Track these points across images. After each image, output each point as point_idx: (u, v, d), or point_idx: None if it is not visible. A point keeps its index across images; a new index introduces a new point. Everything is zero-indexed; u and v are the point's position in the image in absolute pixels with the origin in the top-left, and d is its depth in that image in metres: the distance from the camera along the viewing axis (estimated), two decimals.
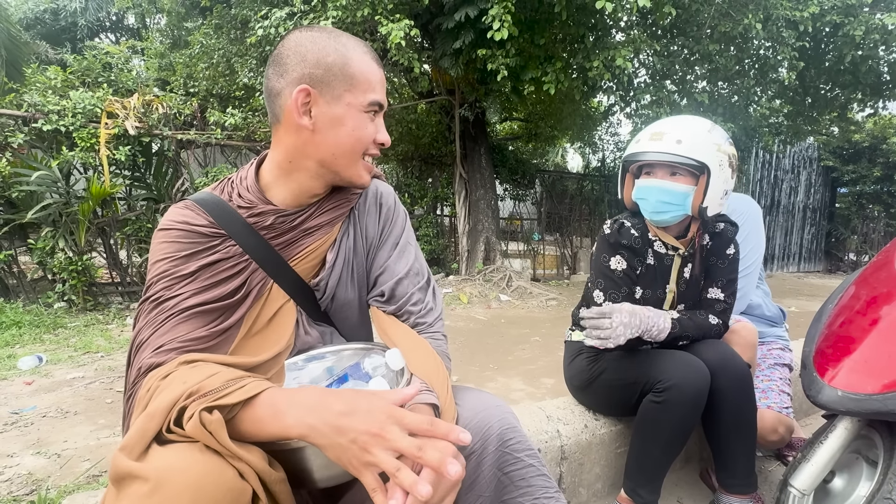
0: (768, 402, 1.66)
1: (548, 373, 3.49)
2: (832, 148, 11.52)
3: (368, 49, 0.91)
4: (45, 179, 4.38)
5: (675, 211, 1.38)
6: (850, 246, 11.90)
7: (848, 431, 1.17)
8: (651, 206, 1.39)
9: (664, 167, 1.38)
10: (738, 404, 1.35)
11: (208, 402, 0.63)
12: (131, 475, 0.57)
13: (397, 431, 0.60)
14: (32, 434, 2.26)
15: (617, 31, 6.06)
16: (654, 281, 1.46)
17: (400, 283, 1.01)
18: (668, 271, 1.46)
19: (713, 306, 1.48)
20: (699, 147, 1.33)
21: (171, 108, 5.18)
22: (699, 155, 1.33)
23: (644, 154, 1.39)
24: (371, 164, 0.95)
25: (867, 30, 5.58)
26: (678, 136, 1.35)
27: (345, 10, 4.62)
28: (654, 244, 1.47)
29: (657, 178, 1.39)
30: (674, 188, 1.36)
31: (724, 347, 1.40)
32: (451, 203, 7.95)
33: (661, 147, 1.36)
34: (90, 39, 11.95)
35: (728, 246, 1.49)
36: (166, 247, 0.86)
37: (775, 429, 1.59)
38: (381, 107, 0.91)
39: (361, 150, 0.91)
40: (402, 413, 0.61)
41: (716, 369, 1.33)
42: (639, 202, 1.44)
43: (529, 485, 0.85)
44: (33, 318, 4.15)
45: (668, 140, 1.35)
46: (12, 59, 7.00)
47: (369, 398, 0.63)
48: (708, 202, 1.36)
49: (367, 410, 0.62)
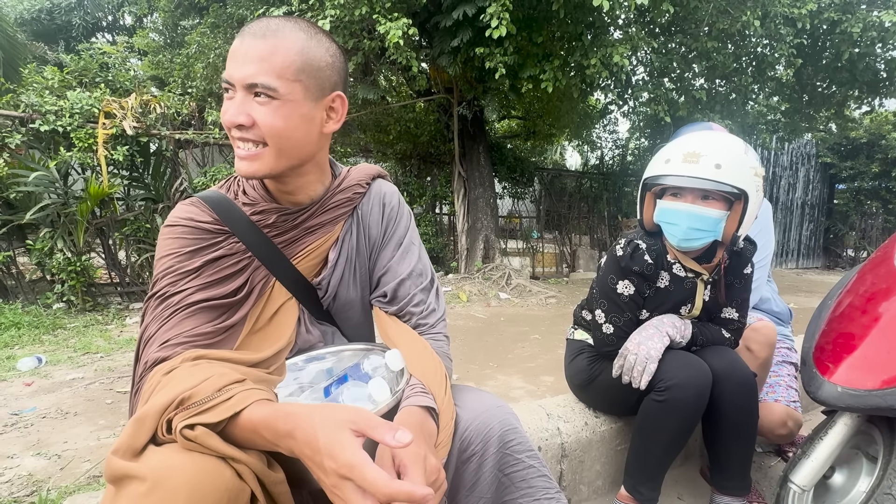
0: (776, 396, 1.66)
1: (547, 371, 3.49)
2: (830, 144, 11.54)
3: (254, 24, 0.82)
4: (43, 180, 4.37)
5: (706, 238, 1.29)
6: (848, 242, 11.94)
7: (848, 427, 1.18)
8: (681, 233, 1.28)
9: (696, 191, 1.27)
10: (740, 411, 1.35)
11: (189, 417, 0.62)
12: (128, 475, 0.57)
13: (350, 492, 0.54)
14: (32, 435, 2.25)
15: (615, 29, 6.05)
16: (663, 304, 1.40)
17: (402, 284, 1.00)
18: (685, 294, 1.40)
19: (727, 325, 1.47)
20: (738, 173, 1.23)
21: (168, 108, 5.17)
22: (739, 182, 1.22)
23: (679, 178, 1.27)
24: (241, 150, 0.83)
25: (864, 27, 5.59)
26: (717, 160, 1.23)
27: (342, 9, 4.61)
28: (674, 267, 1.39)
29: (686, 203, 1.28)
30: (707, 214, 1.26)
31: (730, 354, 1.40)
32: (449, 201, 7.96)
33: (698, 172, 1.23)
34: (86, 39, 11.90)
35: (746, 265, 1.44)
36: (172, 243, 0.87)
37: (784, 422, 1.59)
38: (227, 83, 0.81)
39: (228, 133, 0.84)
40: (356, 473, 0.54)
41: (721, 376, 1.33)
42: (664, 226, 1.33)
43: (530, 486, 0.85)
44: (32, 319, 4.14)
45: (706, 164, 1.23)
46: (9, 59, 6.97)
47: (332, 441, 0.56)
48: (742, 230, 1.28)
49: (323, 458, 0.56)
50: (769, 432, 1.61)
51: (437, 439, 0.81)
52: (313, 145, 0.89)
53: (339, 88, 0.89)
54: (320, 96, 0.86)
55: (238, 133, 0.81)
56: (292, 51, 0.80)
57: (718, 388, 1.33)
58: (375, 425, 0.57)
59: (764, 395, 1.66)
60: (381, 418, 0.60)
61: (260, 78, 0.78)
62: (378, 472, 0.53)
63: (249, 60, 0.78)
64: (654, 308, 1.41)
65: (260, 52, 0.78)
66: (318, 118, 0.87)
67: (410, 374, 0.88)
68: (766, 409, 1.61)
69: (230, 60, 0.80)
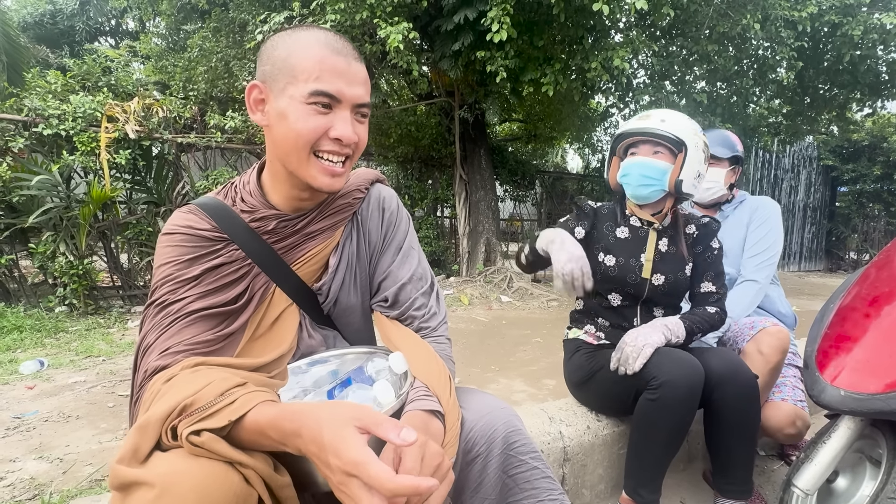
0: (783, 395, 1.65)
1: (549, 374, 3.49)
2: (832, 147, 11.53)
3: (327, 38, 0.84)
4: (46, 184, 4.38)
5: (654, 185, 1.50)
6: (850, 245, 11.90)
7: (851, 431, 1.17)
8: (634, 181, 1.51)
9: (648, 145, 1.52)
10: (742, 413, 1.35)
11: (193, 422, 0.62)
12: (136, 482, 0.57)
13: (356, 488, 0.55)
14: (34, 438, 2.25)
15: (615, 33, 6.07)
16: (625, 251, 1.56)
17: (403, 289, 1.01)
18: (641, 243, 1.56)
19: (708, 299, 1.56)
20: (680, 127, 1.49)
21: (170, 112, 5.18)
22: (679, 132, 1.47)
23: (631, 130, 1.54)
24: (335, 165, 0.85)
25: (865, 29, 5.59)
26: (662, 117, 1.51)
27: (343, 14, 4.63)
28: (631, 219, 1.60)
29: (640, 156, 1.52)
30: (654, 164, 1.49)
31: (731, 356, 1.41)
32: (451, 204, 7.96)
33: (647, 124, 1.51)
34: (89, 43, 11.96)
35: (713, 238, 1.59)
36: (170, 251, 0.87)
37: (793, 422, 1.58)
38: (328, 97, 0.82)
39: (307, 146, 0.83)
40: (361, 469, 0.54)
41: (723, 378, 1.33)
42: (622, 180, 1.56)
43: (534, 487, 0.85)
44: (34, 323, 4.15)
45: (654, 119, 1.52)
46: (13, 63, 7.00)
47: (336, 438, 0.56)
48: (683, 177, 1.48)
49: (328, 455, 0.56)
50: (777, 432, 1.60)
51: (444, 440, 0.81)
52: None
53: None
54: None
55: (341, 149, 0.86)
56: (367, 75, 0.90)
57: (720, 390, 1.33)
58: (380, 422, 0.58)
59: (770, 395, 1.65)
60: (386, 416, 0.60)
61: (367, 99, 0.87)
62: (382, 468, 0.54)
63: (359, 82, 0.85)
64: (618, 255, 1.55)
65: (363, 76, 0.87)
66: None
67: (414, 377, 0.88)
68: (773, 409, 1.60)
69: (333, 76, 0.82)
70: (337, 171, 0.86)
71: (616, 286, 1.55)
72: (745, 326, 1.70)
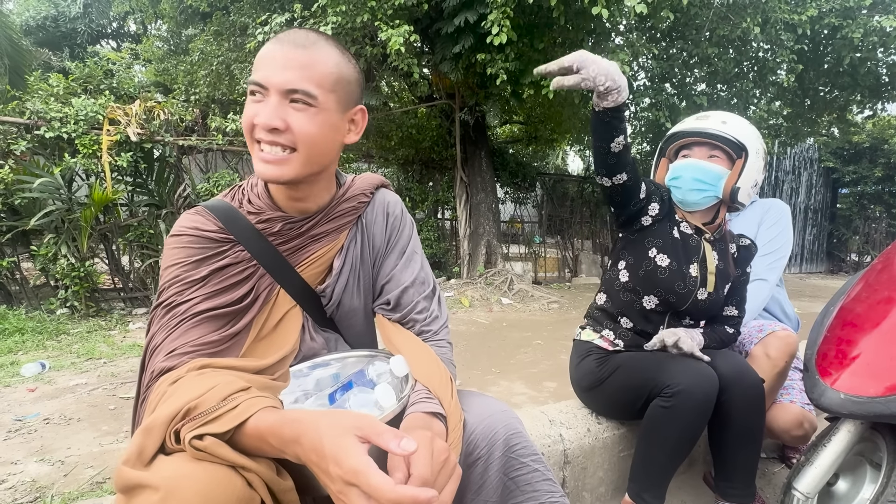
0: (790, 398, 1.65)
1: (550, 376, 3.49)
2: (832, 149, 11.54)
3: (289, 35, 0.84)
4: (48, 186, 4.40)
5: (707, 191, 1.41)
6: (851, 247, 11.91)
7: (851, 434, 1.17)
8: (686, 185, 1.42)
9: (704, 147, 1.42)
10: (747, 417, 1.34)
11: (196, 427, 0.62)
12: (141, 485, 0.57)
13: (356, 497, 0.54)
14: (36, 441, 2.26)
15: (616, 36, 6.08)
16: (677, 255, 1.46)
17: (406, 292, 1.01)
18: (690, 251, 1.46)
19: (729, 321, 1.56)
20: (742, 130, 1.39)
21: (172, 115, 5.20)
22: (741, 136, 1.37)
23: (688, 131, 1.43)
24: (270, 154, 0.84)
25: (865, 32, 5.60)
26: (723, 118, 1.40)
27: (344, 16, 4.65)
28: (681, 225, 1.49)
29: (694, 158, 1.42)
30: (710, 167, 1.39)
31: (738, 360, 1.40)
32: (451, 206, 7.98)
33: (706, 125, 1.40)
34: (91, 45, 12.00)
35: (749, 263, 1.53)
36: (177, 252, 0.87)
37: (800, 423, 1.57)
38: (257, 85, 0.82)
39: (248, 136, 0.85)
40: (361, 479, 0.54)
41: (729, 381, 1.33)
42: (672, 183, 1.47)
43: (535, 489, 0.86)
44: (36, 325, 4.15)
45: (714, 120, 1.40)
46: (15, 66, 7.03)
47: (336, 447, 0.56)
48: (741, 184, 1.39)
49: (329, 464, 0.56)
50: (784, 433, 1.59)
51: (447, 441, 0.82)
52: (334, 154, 0.92)
53: (360, 103, 0.94)
54: (346, 108, 0.90)
55: (268, 136, 0.82)
56: (330, 63, 0.85)
57: (727, 393, 1.32)
58: (381, 432, 0.58)
59: (778, 397, 1.65)
60: (386, 425, 0.60)
61: (302, 84, 0.81)
62: (383, 477, 0.54)
63: (291, 67, 0.81)
64: (672, 256, 1.44)
65: (302, 61, 0.82)
66: (342, 129, 0.91)
67: (416, 380, 0.88)
68: (781, 410, 1.59)
69: (265, 64, 0.82)
70: (270, 159, 0.83)
71: (659, 289, 1.45)
72: (753, 329, 1.70)
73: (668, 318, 1.51)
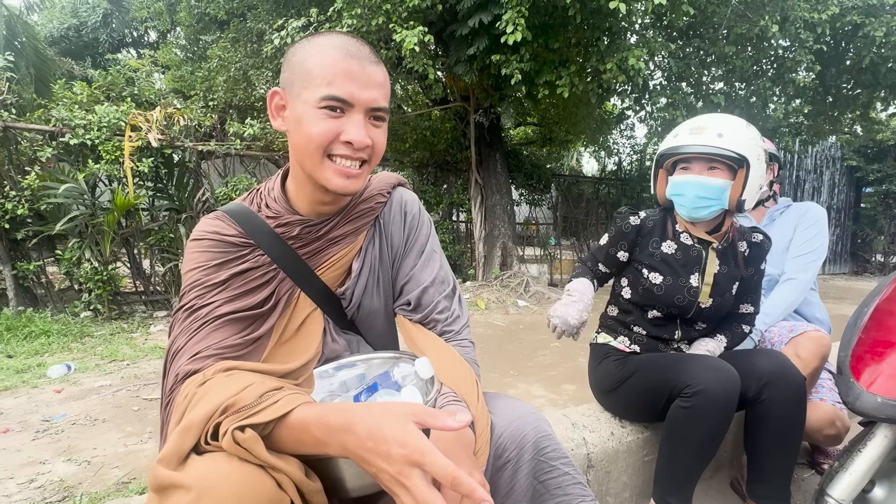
0: (821, 396, 1.61)
1: (569, 379, 3.45)
2: (856, 147, 11.25)
3: (342, 42, 0.84)
4: (72, 192, 4.50)
5: (713, 206, 1.38)
6: (876, 247, 11.57)
7: (888, 439, 1.13)
8: (689, 202, 1.39)
9: (702, 161, 1.38)
10: (787, 417, 1.31)
11: (240, 419, 0.63)
12: (174, 485, 0.58)
13: (418, 478, 0.56)
14: (63, 441, 2.30)
15: (631, 34, 6.03)
16: (673, 269, 1.46)
17: (426, 292, 1.01)
18: (691, 261, 1.46)
19: (744, 319, 1.54)
20: (739, 140, 1.34)
21: (191, 121, 5.29)
22: (740, 148, 1.33)
23: (684, 147, 1.38)
24: (349, 167, 0.85)
25: (888, 31, 5.46)
26: (719, 130, 1.35)
27: (360, 20, 4.68)
28: (681, 236, 1.48)
29: (694, 174, 1.39)
30: (712, 183, 1.36)
31: (780, 357, 1.37)
32: (466, 209, 7.96)
33: (702, 140, 1.36)
34: (112, 54, 12.28)
35: (763, 259, 1.50)
36: (198, 256, 0.88)
37: (833, 422, 1.54)
38: (340, 101, 0.81)
39: (319, 150, 0.83)
40: (428, 458, 0.56)
41: (771, 379, 1.30)
42: (674, 199, 1.44)
43: (566, 493, 0.84)
44: (61, 328, 4.25)
45: (709, 134, 1.36)
46: (40, 75, 7.21)
47: (399, 430, 0.58)
48: (746, 195, 1.37)
49: (391, 446, 0.57)
50: (817, 432, 1.55)
51: (476, 446, 0.81)
52: None
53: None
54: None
55: (354, 153, 0.85)
56: (387, 79, 0.89)
57: (768, 390, 1.30)
58: (434, 413, 0.60)
59: (809, 396, 1.61)
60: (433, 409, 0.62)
61: (382, 103, 0.86)
62: (446, 458, 0.56)
63: (373, 86, 0.84)
64: (664, 273, 1.46)
65: (379, 79, 0.85)
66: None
67: (441, 383, 0.88)
68: (813, 408, 1.55)
69: (345, 80, 0.82)
70: (351, 173, 0.86)
71: (660, 305, 1.47)
72: (785, 329, 1.67)
73: (680, 322, 1.51)
